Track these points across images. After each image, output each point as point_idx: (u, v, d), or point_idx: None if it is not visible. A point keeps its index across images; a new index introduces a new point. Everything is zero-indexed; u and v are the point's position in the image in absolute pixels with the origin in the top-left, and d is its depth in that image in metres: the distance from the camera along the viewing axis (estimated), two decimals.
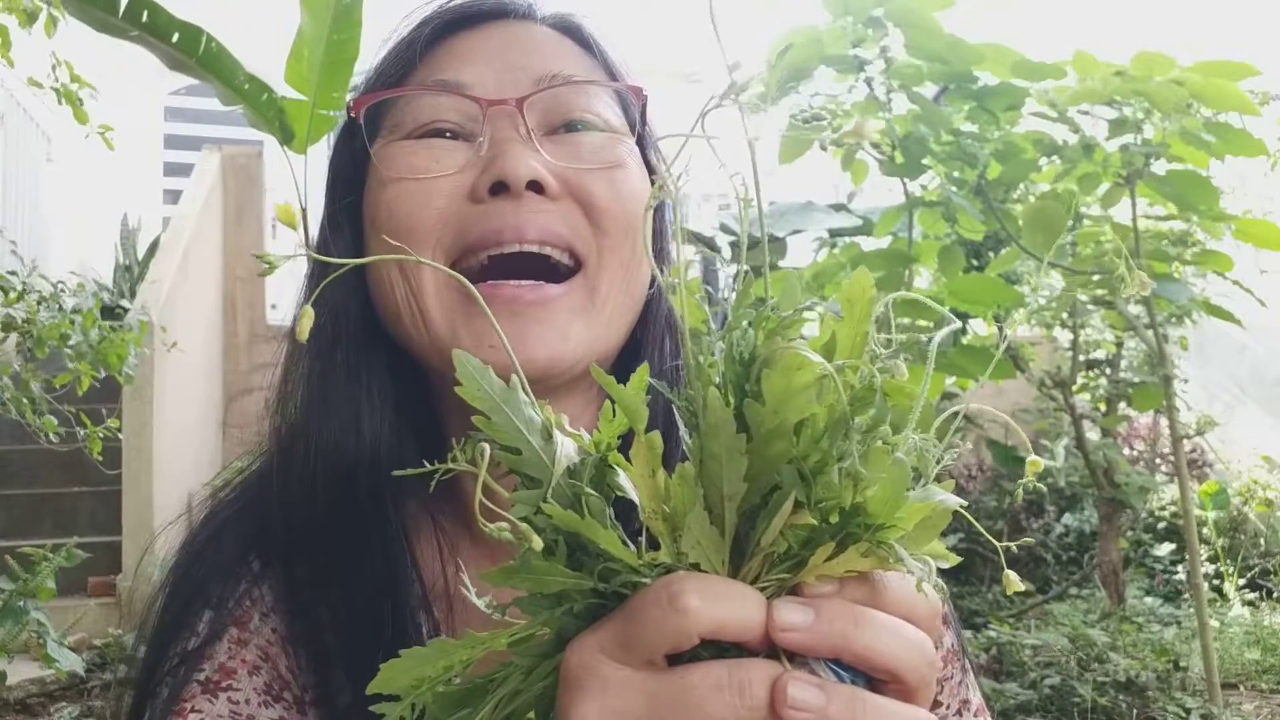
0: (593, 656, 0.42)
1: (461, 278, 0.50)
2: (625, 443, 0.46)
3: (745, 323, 0.43)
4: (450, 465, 0.44)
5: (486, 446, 0.43)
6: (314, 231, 0.80)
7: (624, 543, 0.43)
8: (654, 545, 0.44)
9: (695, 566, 0.43)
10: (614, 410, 0.45)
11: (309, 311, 0.44)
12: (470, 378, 0.43)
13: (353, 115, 0.73)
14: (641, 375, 0.45)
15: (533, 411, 0.44)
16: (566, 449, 0.44)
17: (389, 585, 0.67)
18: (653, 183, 0.76)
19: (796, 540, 0.42)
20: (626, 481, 0.44)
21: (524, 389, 0.44)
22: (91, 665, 4.54)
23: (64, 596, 4.81)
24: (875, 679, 0.44)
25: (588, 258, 0.69)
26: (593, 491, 0.43)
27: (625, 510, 0.45)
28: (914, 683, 0.44)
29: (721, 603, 0.41)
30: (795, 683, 0.41)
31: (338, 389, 0.72)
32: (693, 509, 0.42)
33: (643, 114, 0.76)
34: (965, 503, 0.46)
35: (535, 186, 0.67)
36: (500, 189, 0.67)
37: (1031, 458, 0.50)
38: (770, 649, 0.42)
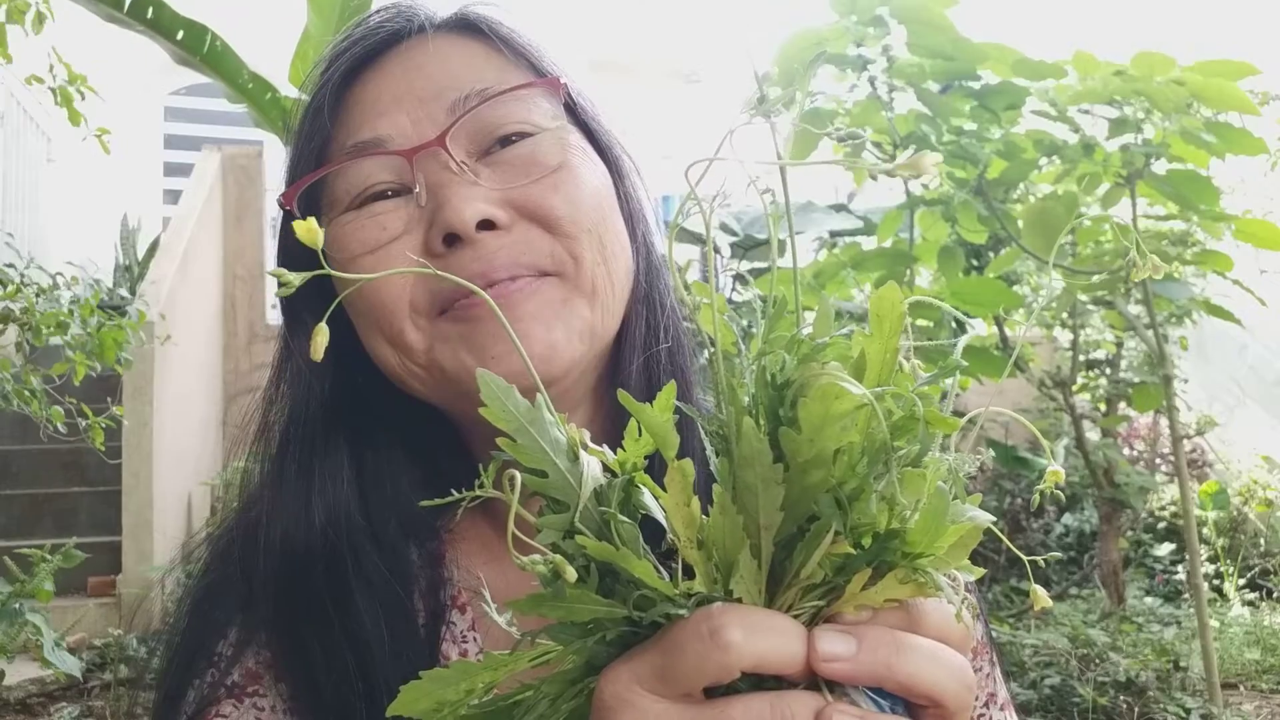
0: (628, 689, 0.42)
1: (467, 282, 0.50)
2: (649, 462, 0.45)
3: (779, 348, 0.41)
4: (478, 493, 0.43)
5: (518, 475, 0.42)
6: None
7: (658, 571, 0.42)
8: (688, 573, 0.43)
9: (731, 595, 0.42)
10: (639, 429, 0.44)
11: (323, 329, 0.44)
12: (495, 398, 0.42)
13: (286, 209, 0.72)
14: (669, 394, 0.44)
15: (558, 431, 0.43)
16: (593, 469, 0.43)
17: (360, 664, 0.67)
18: (609, 160, 0.74)
19: (831, 567, 0.42)
20: (653, 502, 0.43)
21: (548, 408, 0.43)
22: (91, 665, 4.54)
23: (64, 596, 4.82)
24: (914, 704, 0.44)
25: (561, 267, 0.68)
26: (623, 517, 0.42)
27: (649, 530, 0.44)
28: (954, 707, 0.44)
29: (763, 635, 0.41)
30: (840, 715, 0.41)
31: (290, 483, 0.71)
32: (741, 547, 0.41)
33: (570, 102, 0.73)
34: (995, 519, 0.45)
35: (486, 224, 0.65)
36: (453, 239, 0.65)
37: (1053, 467, 0.50)
38: (809, 679, 0.42)
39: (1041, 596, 0.49)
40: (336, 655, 0.66)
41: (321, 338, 0.43)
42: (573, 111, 0.73)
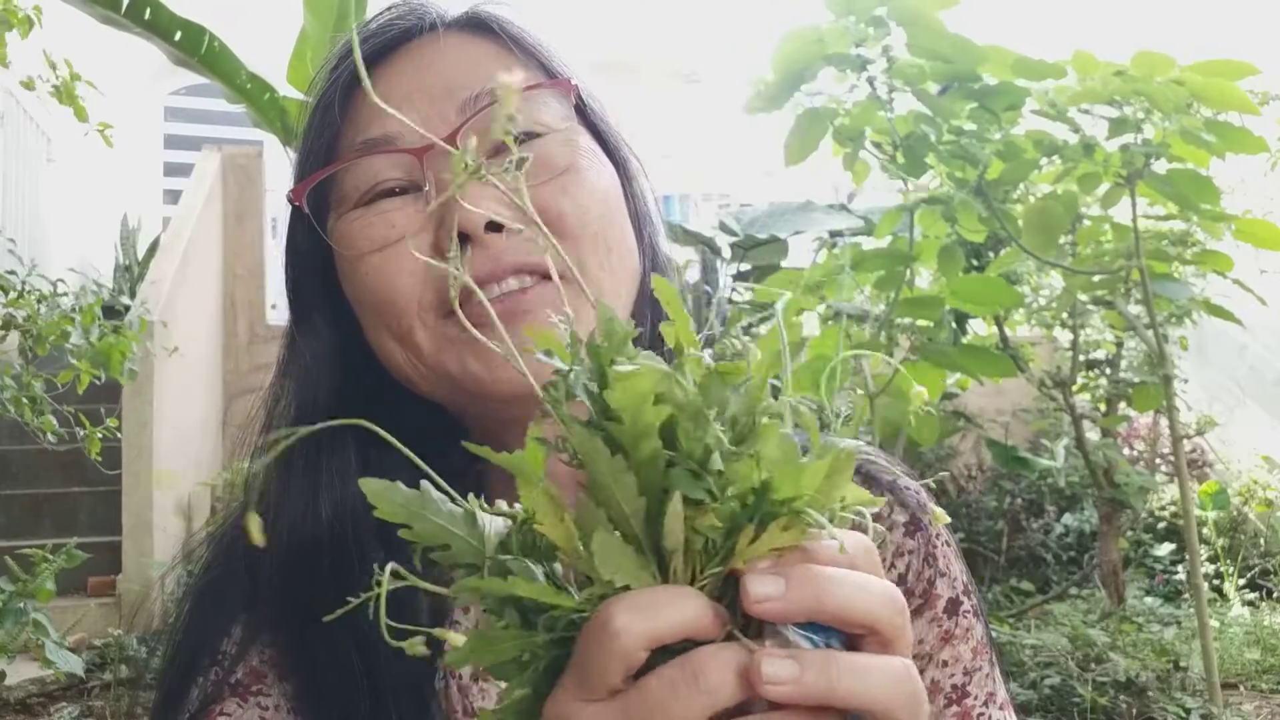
0: (565, 706, 0.43)
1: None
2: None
3: (584, 355, 0.45)
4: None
5: (388, 569, 0.45)
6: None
7: (558, 588, 0.44)
8: (588, 584, 0.45)
9: (627, 587, 0.43)
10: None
11: (255, 519, 0.45)
12: (381, 498, 0.45)
13: (295, 204, 0.72)
14: (536, 428, 0.46)
15: (452, 505, 0.46)
16: (496, 526, 0.46)
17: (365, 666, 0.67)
18: (617, 161, 0.74)
19: (718, 533, 0.43)
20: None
21: (438, 488, 0.46)
22: (91, 665, 4.54)
23: (64, 596, 4.82)
24: (853, 636, 0.44)
25: (566, 270, 0.69)
26: (524, 558, 0.45)
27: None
28: (889, 633, 0.44)
29: (649, 611, 0.41)
30: (768, 659, 0.41)
31: (297, 480, 0.71)
32: (595, 533, 0.43)
33: (580, 103, 0.74)
34: (863, 444, 0.46)
35: (494, 226, 0.65)
36: (463, 240, 0.66)
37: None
38: (728, 635, 0.43)
39: (940, 514, 0.54)
40: (341, 654, 0.66)
41: (254, 524, 0.45)
42: (582, 113, 0.74)
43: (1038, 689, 3.97)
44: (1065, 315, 4.81)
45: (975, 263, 4.18)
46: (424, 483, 0.46)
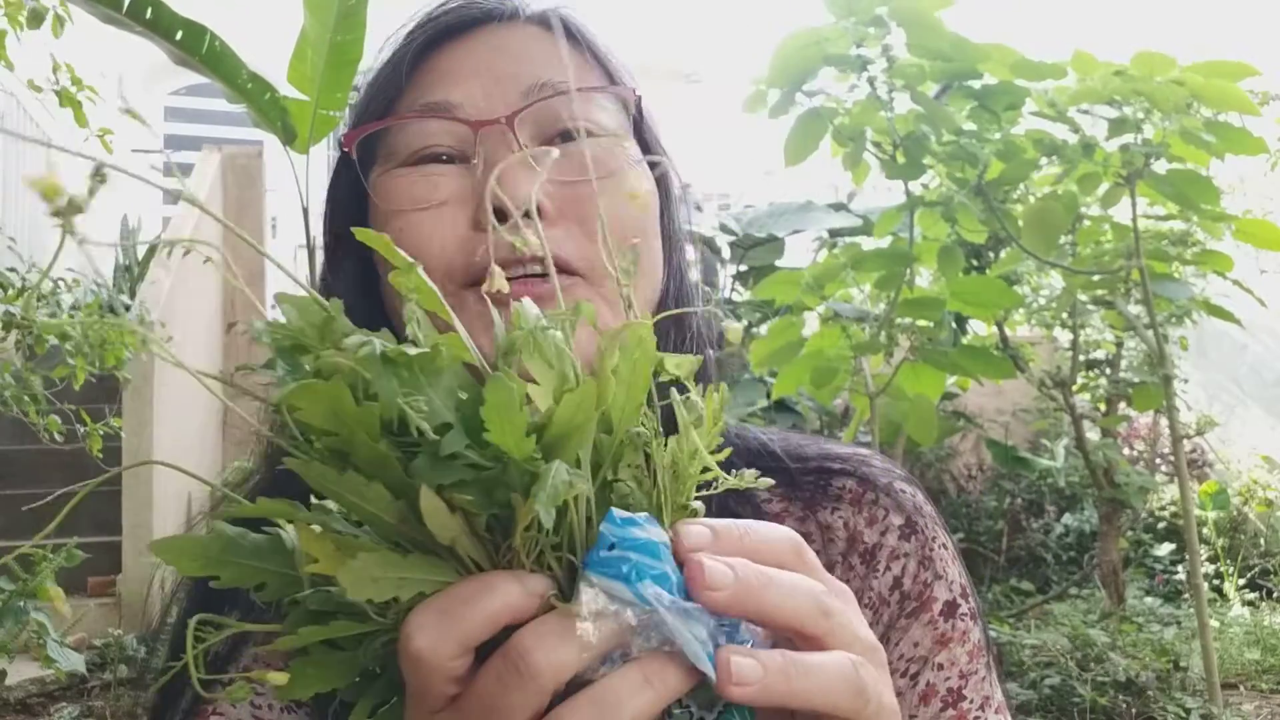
0: None
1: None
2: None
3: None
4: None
5: (192, 622, 0.45)
6: (310, 230, 0.80)
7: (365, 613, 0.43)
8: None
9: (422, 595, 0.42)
10: None
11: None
12: (173, 552, 0.44)
13: (345, 150, 0.73)
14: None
15: (255, 536, 0.44)
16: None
17: None
18: (656, 179, 0.75)
19: (497, 506, 0.41)
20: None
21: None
22: (91, 665, 4.54)
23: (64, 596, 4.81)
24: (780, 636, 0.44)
25: (590, 271, 0.68)
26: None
27: None
28: (815, 632, 0.44)
29: (447, 619, 0.40)
30: (735, 657, 0.41)
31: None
32: (351, 560, 0.40)
33: (638, 114, 0.75)
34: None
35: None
36: (501, 218, 0.66)
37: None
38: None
39: (734, 330, 0.52)
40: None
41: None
42: (637, 126, 0.75)
43: (1038, 689, 3.97)
44: (1065, 315, 4.81)
45: (975, 263, 4.19)
46: (217, 522, 0.43)
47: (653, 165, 0.76)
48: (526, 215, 0.66)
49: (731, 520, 0.45)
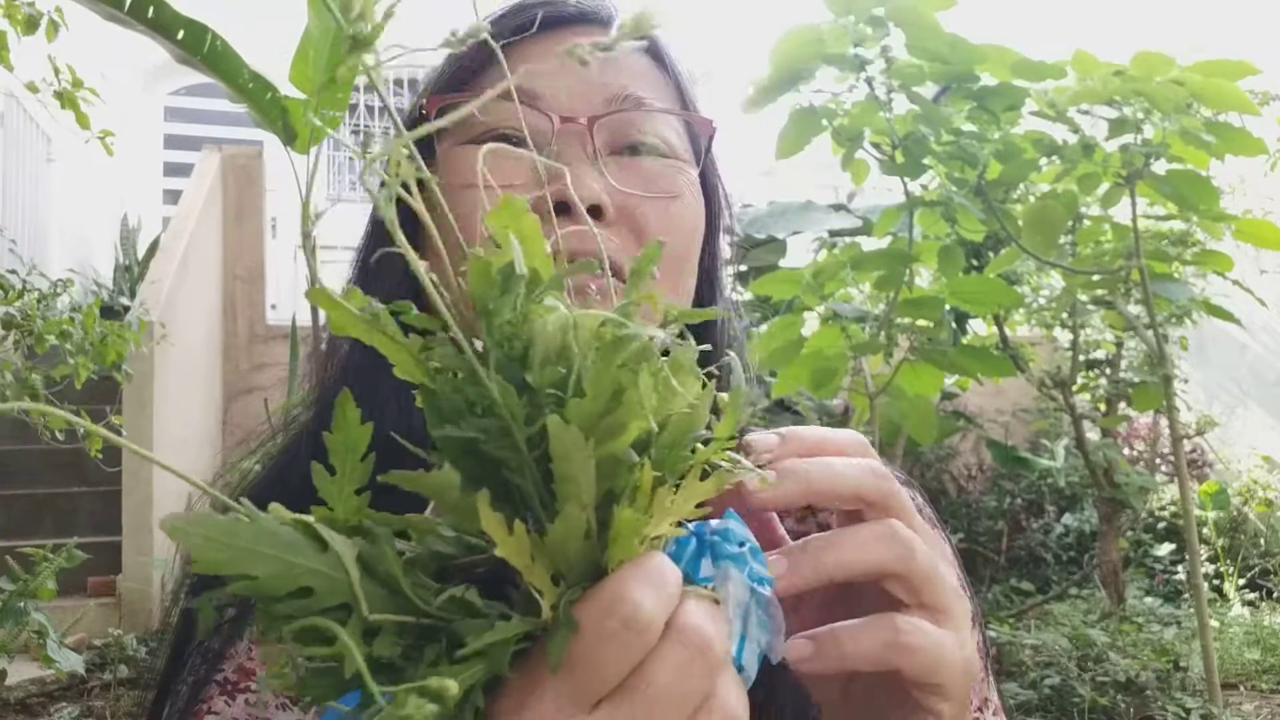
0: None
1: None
2: None
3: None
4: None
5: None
6: (310, 231, 0.80)
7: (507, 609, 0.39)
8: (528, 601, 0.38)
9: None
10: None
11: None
12: (186, 535, 0.35)
13: (424, 113, 0.73)
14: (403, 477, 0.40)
15: (281, 529, 0.36)
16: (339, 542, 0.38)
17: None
18: (710, 210, 0.77)
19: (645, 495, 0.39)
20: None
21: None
22: (91, 665, 4.55)
23: (64, 596, 4.82)
24: (850, 513, 0.48)
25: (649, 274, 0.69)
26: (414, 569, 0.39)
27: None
28: (878, 499, 0.47)
29: (659, 587, 0.38)
30: (773, 560, 0.44)
31: (385, 379, 0.70)
32: (578, 539, 0.37)
33: (709, 145, 0.77)
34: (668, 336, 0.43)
35: (594, 210, 0.67)
36: (562, 209, 0.66)
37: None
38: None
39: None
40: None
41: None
42: (701, 157, 0.76)
43: (1038, 689, 3.97)
44: (1065, 315, 4.81)
45: (975, 263, 4.18)
46: (244, 500, 0.36)
47: (710, 199, 0.77)
48: (590, 211, 0.67)
49: (797, 427, 0.49)
